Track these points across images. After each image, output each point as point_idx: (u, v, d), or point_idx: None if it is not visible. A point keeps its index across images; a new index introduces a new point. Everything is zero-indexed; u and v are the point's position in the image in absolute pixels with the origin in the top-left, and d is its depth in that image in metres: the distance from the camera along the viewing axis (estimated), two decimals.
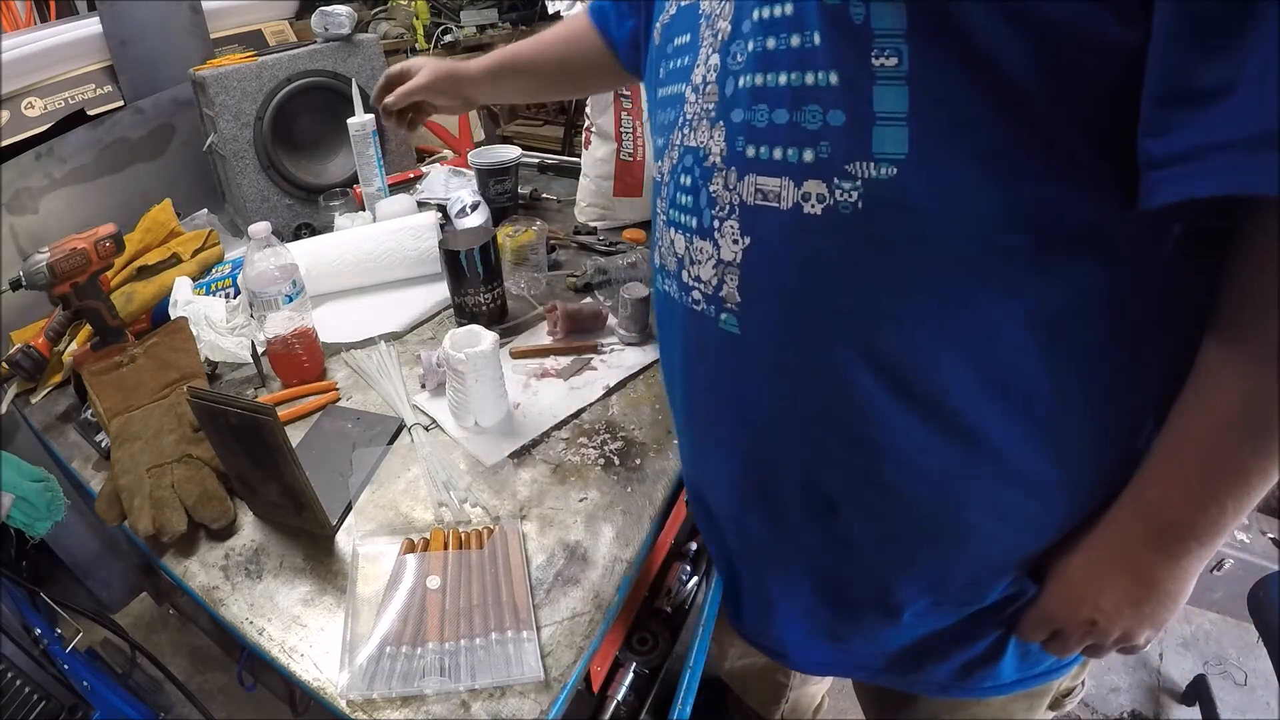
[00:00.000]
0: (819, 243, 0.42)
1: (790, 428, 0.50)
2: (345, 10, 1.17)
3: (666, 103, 0.53)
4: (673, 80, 0.52)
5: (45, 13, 1.34)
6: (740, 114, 0.44)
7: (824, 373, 0.46)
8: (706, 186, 0.48)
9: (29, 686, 0.69)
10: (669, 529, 0.72)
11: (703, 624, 0.74)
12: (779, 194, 0.43)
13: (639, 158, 1.14)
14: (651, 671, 0.72)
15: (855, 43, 0.38)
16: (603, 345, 0.90)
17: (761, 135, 0.43)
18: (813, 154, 0.41)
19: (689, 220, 0.50)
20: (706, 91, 0.47)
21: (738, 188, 0.45)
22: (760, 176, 0.44)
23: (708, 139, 0.47)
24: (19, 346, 0.83)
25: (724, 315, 0.49)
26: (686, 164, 0.50)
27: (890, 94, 0.38)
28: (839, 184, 0.40)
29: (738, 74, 0.44)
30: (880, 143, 0.38)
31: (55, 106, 1.12)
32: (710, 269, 0.49)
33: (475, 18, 2.02)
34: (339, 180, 1.23)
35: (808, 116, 0.41)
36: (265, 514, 0.68)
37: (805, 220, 0.42)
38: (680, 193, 0.51)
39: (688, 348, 0.55)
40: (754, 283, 0.47)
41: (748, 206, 0.45)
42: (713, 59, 0.47)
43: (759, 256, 0.46)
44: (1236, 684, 1.40)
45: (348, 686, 0.52)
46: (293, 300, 0.85)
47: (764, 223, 0.44)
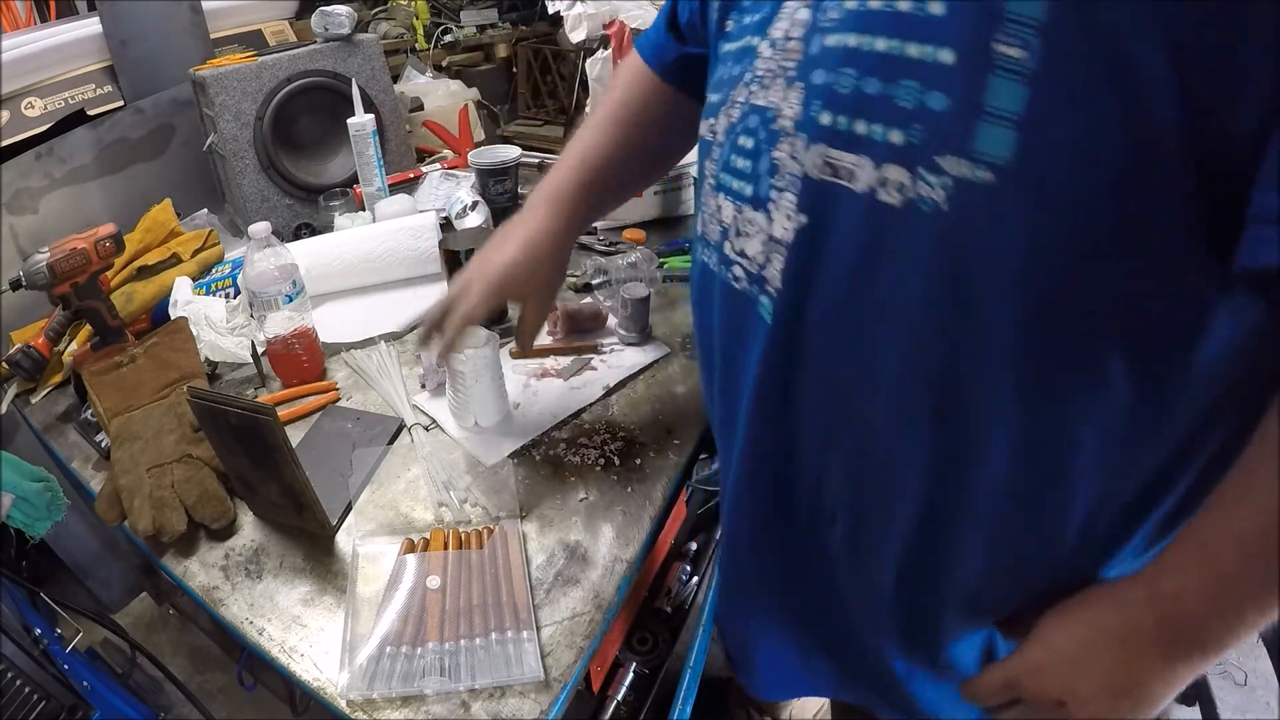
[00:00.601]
0: (889, 238, 0.38)
1: (808, 431, 0.47)
2: (345, 10, 1.17)
3: (732, 57, 0.48)
4: (744, 33, 0.47)
5: (45, 13, 1.34)
6: (823, 76, 0.39)
7: (858, 379, 0.42)
8: (770, 151, 0.42)
9: (29, 686, 0.68)
10: (669, 529, 0.72)
11: (703, 624, 0.74)
12: (852, 173, 0.38)
13: None
14: (651, 671, 0.72)
15: (981, 19, 0.33)
16: (603, 345, 0.90)
17: (844, 103, 0.38)
18: (901, 136, 0.36)
19: (742, 187, 0.45)
20: (788, 47, 0.42)
21: (804, 157, 0.40)
22: (833, 149, 0.39)
23: (780, 99, 0.42)
24: (19, 346, 0.83)
25: (763, 299, 0.45)
26: (750, 124, 0.44)
27: (1007, 89, 0.32)
28: (925, 175, 0.35)
29: (828, 31, 0.39)
30: (984, 140, 0.33)
31: (55, 106, 1.12)
32: (758, 244, 0.44)
33: (475, 18, 2.02)
34: (339, 180, 1.23)
35: (902, 92, 0.35)
36: (265, 514, 0.68)
37: (878, 208, 0.37)
38: (736, 154, 0.46)
39: (725, 327, 0.51)
40: (801, 269, 0.42)
41: (812, 180, 0.40)
42: (801, 13, 0.41)
43: (814, 239, 0.41)
44: (1236, 684, 1.40)
45: (348, 686, 0.52)
46: (293, 300, 0.85)
47: (828, 202, 0.40)
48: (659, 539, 0.69)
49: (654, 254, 1.00)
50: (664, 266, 1.06)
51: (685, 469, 0.74)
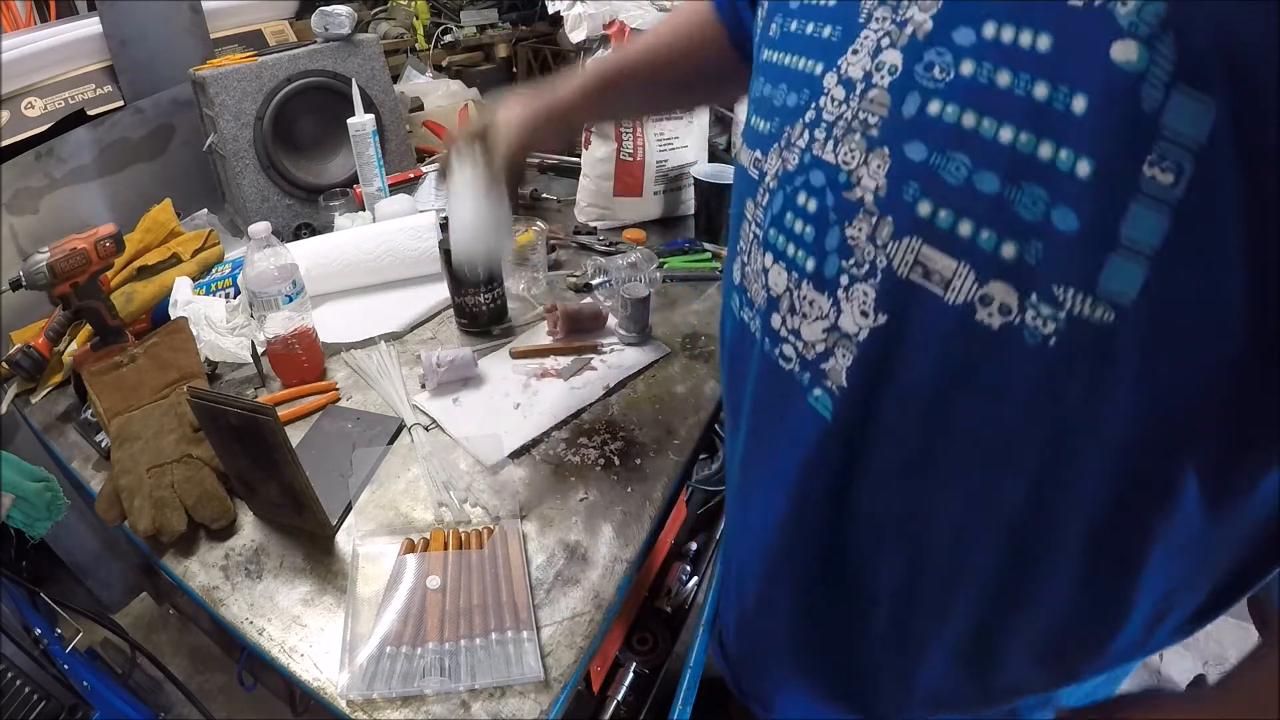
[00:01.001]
0: (980, 364, 0.33)
1: (856, 539, 0.43)
2: (345, 10, 1.17)
3: (785, 78, 0.41)
4: (800, 49, 0.40)
5: (45, 13, 1.34)
6: (922, 152, 0.33)
7: (920, 511, 0.38)
8: (841, 226, 0.36)
9: (29, 686, 0.69)
10: (669, 529, 0.72)
11: (703, 624, 0.74)
12: (948, 281, 0.32)
13: (639, 158, 1.14)
14: (651, 671, 0.72)
15: (1132, 133, 0.27)
16: (603, 345, 0.90)
17: (949, 195, 0.32)
18: (1015, 251, 0.30)
19: (802, 257, 0.39)
20: (868, 96, 0.35)
21: (890, 248, 0.34)
22: (930, 247, 0.33)
23: (857, 163, 0.35)
24: (19, 346, 0.83)
25: (818, 391, 0.40)
26: (814, 182, 0.38)
27: (1147, 220, 0.27)
28: (1036, 303, 0.30)
29: (932, 95, 0.32)
30: (1111, 278, 0.28)
31: (55, 106, 1.12)
32: (819, 331, 0.39)
33: (475, 18, 2.02)
34: (339, 180, 1.23)
35: (1027, 200, 0.29)
36: (265, 514, 0.68)
37: (973, 329, 0.32)
38: (794, 214, 0.39)
39: (759, 400, 0.46)
40: (874, 375, 0.37)
41: (898, 279, 0.34)
42: (889, 55, 0.34)
43: (894, 347, 0.35)
44: None
45: (348, 686, 0.52)
46: (293, 300, 0.85)
47: (915, 308, 0.34)
48: (659, 539, 0.69)
49: (654, 254, 1.00)
50: (664, 266, 1.06)
51: (685, 469, 0.74)
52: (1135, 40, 0.26)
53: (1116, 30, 0.27)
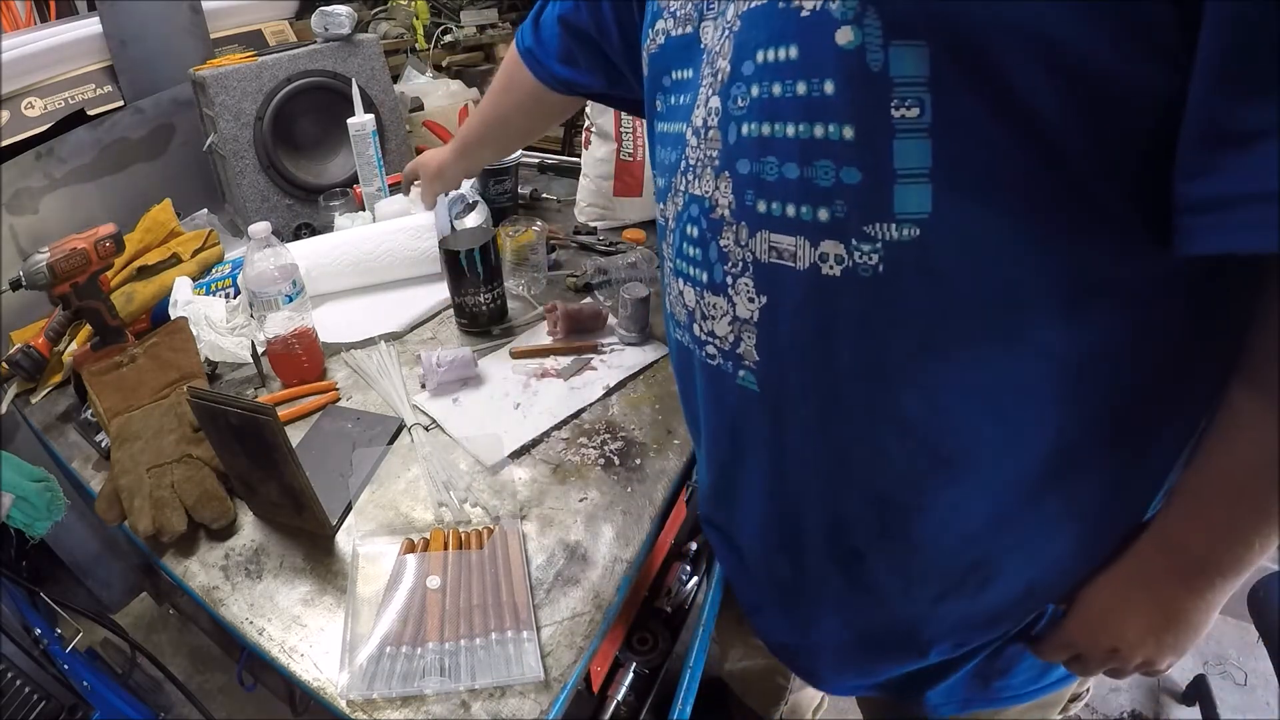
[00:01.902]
0: (838, 306, 0.40)
1: (815, 483, 0.49)
2: (345, 10, 1.17)
3: (667, 140, 0.50)
4: (673, 117, 0.49)
5: (45, 13, 1.34)
6: (746, 165, 0.41)
7: (847, 434, 0.45)
8: (716, 240, 0.45)
9: (29, 686, 0.69)
10: (669, 529, 0.72)
11: (703, 624, 0.74)
12: (794, 253, 0.40)
13: (639, 158, 1.14)
14: (651, 671, 0.72)
15: (872, 92, 0.34)
16: (603, 345, 0.90)
17: (772, 190, 0.40)
18: (828, 213, 0.38)
19: (699, 274, 0.47)
20: (709, 137, 0.44)
21: (750, 244, 0.42)
22: (774, 234, 0.41)
23: (713, 189, 0.44)
24: (19, 346, 0.83)
25: (742, 373, 0.47)
26: (693, 213, 0.47)
27: (912, 148, 0.35)
28: (857, 245, 0.38)
29: (741, 120, 0.41)
30: (902, 202, 0.36)
31: (55, 106, 1.12)
32: (725, 325, 0.47)
33: (475, 18, 2.02)
34: (339, 180, 1.23)
35: (819, 173, 0.37)
36: (265, 514, 0.68)
37: (824, 282, 0.40)
38: (687, 243, 0.48)
39: (706, 399, 0.53)
40: (772, 343, 0.44)
41: (763, 265, 0.42)
42: (713, 101, 0.43)
43: (777, 317, 0.43)
44: (1236, 684, 1.40)
45: (348, 686, 0.52)
46: (293, 300, 0.85)
47: (781, 282, 0.42)
48: (659, 539, 0.69)
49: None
50: None
51: (685, 469, 0.74)
52: (849, 25, 0.34)
53: (835, 23, 0.35)
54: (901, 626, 0.53)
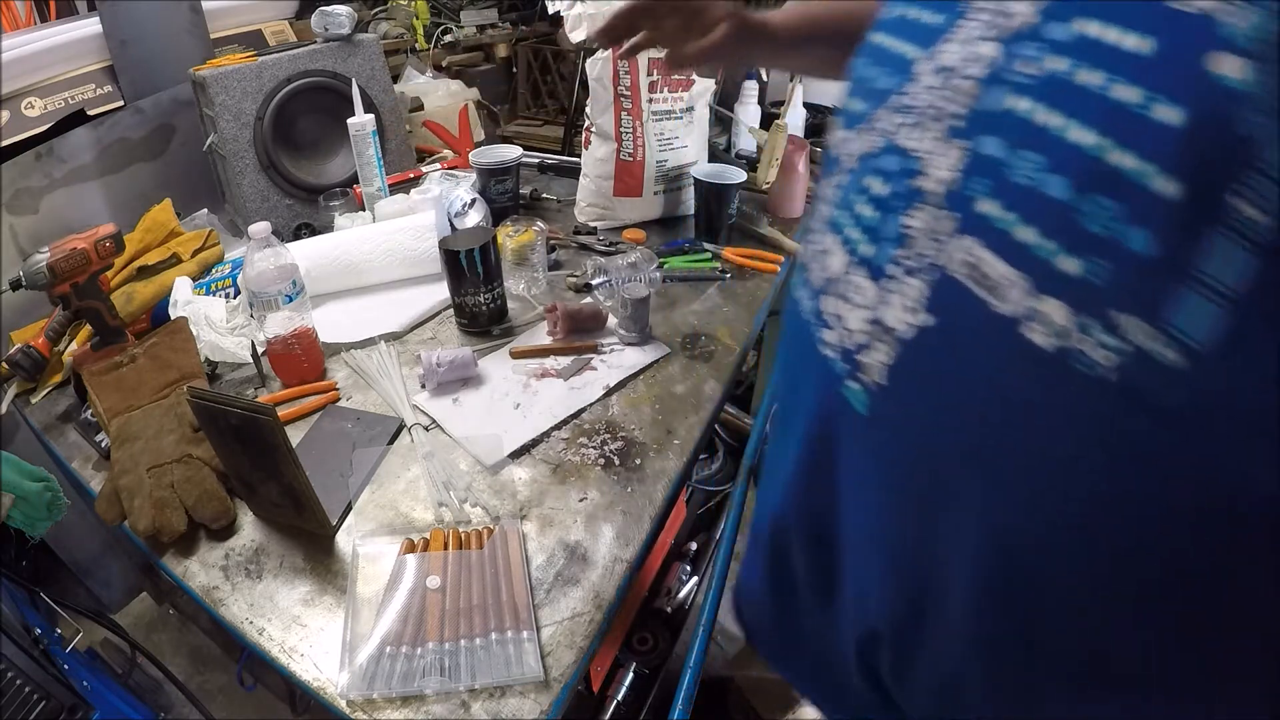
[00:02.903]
0: (1025, 386, 0.29)
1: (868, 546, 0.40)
2: (345, 10, 1.17)
3: (886, 59, 0.39)
4: (900, 31, 0.38)
5: (45, 13, 1.34)
6: (997, 147, 0.30)
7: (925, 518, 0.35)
8: (902, 214, 0.34)
9: (29, 686, 0.69)
10: (669, 529, 0.72)
11: (703, 624, 0.74)
12: (999, 289, 0.29)
13: (639, 158, 1.14)
14: (651, 671, 0.72)
15: (1221, 155, 0.24)
16: (603, 345, 0.90)
17: (1014, 196, 0.29)
18: (1079, 267, 0.27)
19: (859, 241, 0.37)
20: (957, 85, 0.32)
21: (946, 244, 0.32)
22: (986, 250, 0.30)
23: (932, 151, 0.33)
24: (19, 346, 0.83)
25: (852, 384, 0.37)
26: (887, 166, 0.36)
27: (1230, 255, 0.24)
28: (1093, 331, 0.27)
29: (1019, 90, 0.30)
30: (1183, 314, 0.25)
31: (55, 106, 1.12)
32: (860, 320, 0.37)
33: (475, 18, 2.02)
34: (339, 180, 1.23)
35: (1095, 211, 0.27)
36: (265, 514, 0.68)
37: (1017, 344, 0.29)
38: (862, 198, 0.37)
39: (793, 371, 0.46)
40: (916, 378, 0.34)
41: (948, 278, 0.32)
42: (984, 46, 0.32)
43: (938, 353, 0.33)
44: None
45: (348, 686, 0.52)
46: (293, 300, 0.85)
47: (962, 314, 0.31)
48: (659, 539, 0.69)
49: (654, 254, 1.00)
50: (664, 266, 1.06)
51: (685, 469, 0.74)
52: (1242, 56, 0.23)
53: (1222, 42, 0.24)
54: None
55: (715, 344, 0.91)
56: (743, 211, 1.18)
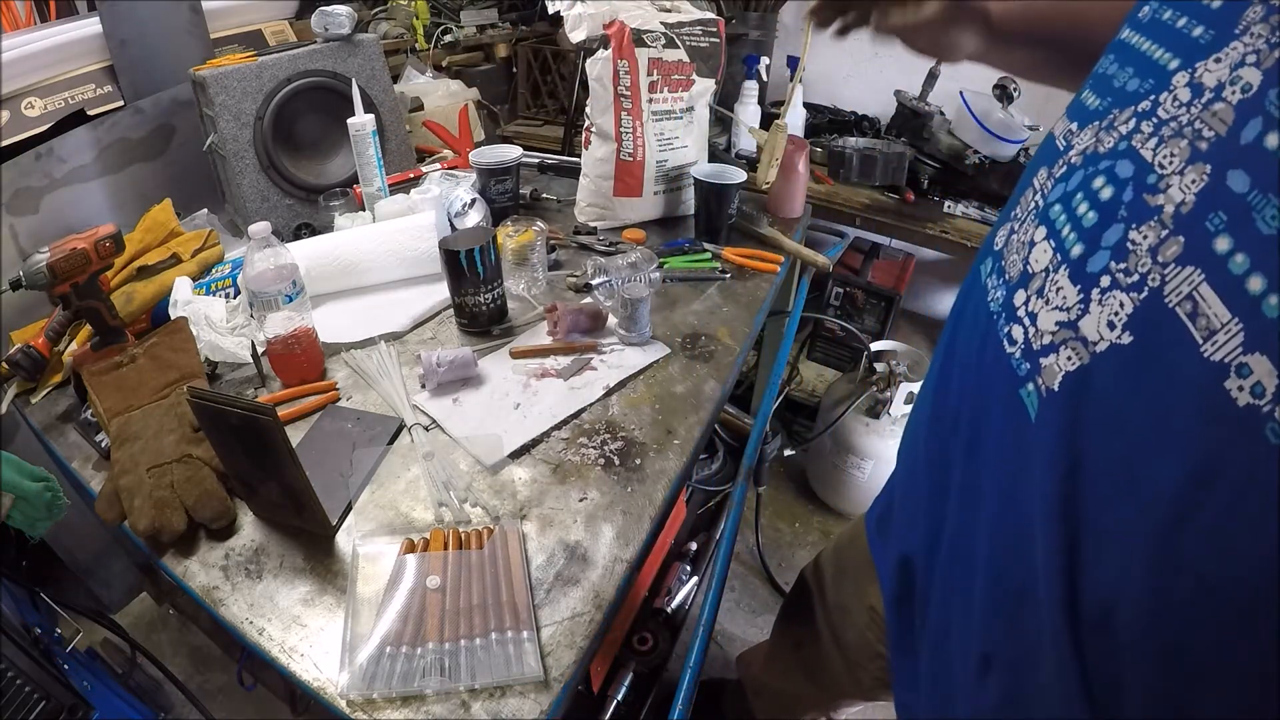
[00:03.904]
0: (1203, 438, 0.28)
1: (996, 556, 0.39)
2: (345, 10, 1.17)
3: (1135, 60, 0.37)
4: (1163, 40, 0.36)
5: (45, 13, 1.34)
6: (1244, 184, 0.28)
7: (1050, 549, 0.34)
8: (1130, 226, 0.32)
9: (29, 686, 0.69)
10: (669, 529, 0.72)
11: (703, 624, 0.74)
12: (1213, 331, 0.28)
13: (639, 158, 1.14)
14: (651, 671, 0.72)
15: None
16: (603, 345, 0.90)
17: (1255, 242, 0.27)
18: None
19: (1072, 241, 0.36)
20: (1213, 108, 0.31)
21: (1167, 270, 0.30)
22: (1209, 287, 0.28)
23: (1173, 169, 0.31)
24: (19, 346, 0.83)
25: (1030, 387, 0.36)
26: (1119, 172, 0.34)
27: None
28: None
29: (1276, 127, 0.28)
30: None
31: (55, 106, 1.12)
32: (1053, 321, 0.35)
33: (475, 18, 2.02)
34: (339, 180, 1.23)
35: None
36: (265, 514, 0.68)
37: (1215, 394, 0.27)
38: (1085, 198, 0.36)
39: (966, 366, 0.44)
40: (1095, 395, 0.32)
41: (1159, 302, 0.30)
42: (1248, 72, 0.30)
43: (1126, 373, 0.31)
44: None
45: (348, 686, 0.52)
46: (293, 300, 0.86)
47: (1165, 343, 0.30)
48: (659, 539, 0.69)
49: (654, 254, 1.00)
50: (664, 266, 1.06)
51: (685, 469, 0.74)
52: None
53: None
54: None
55: (715, 344, 0.91)
56: (743, 211, 1.18)
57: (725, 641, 1.45)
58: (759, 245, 1.14)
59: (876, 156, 1.58)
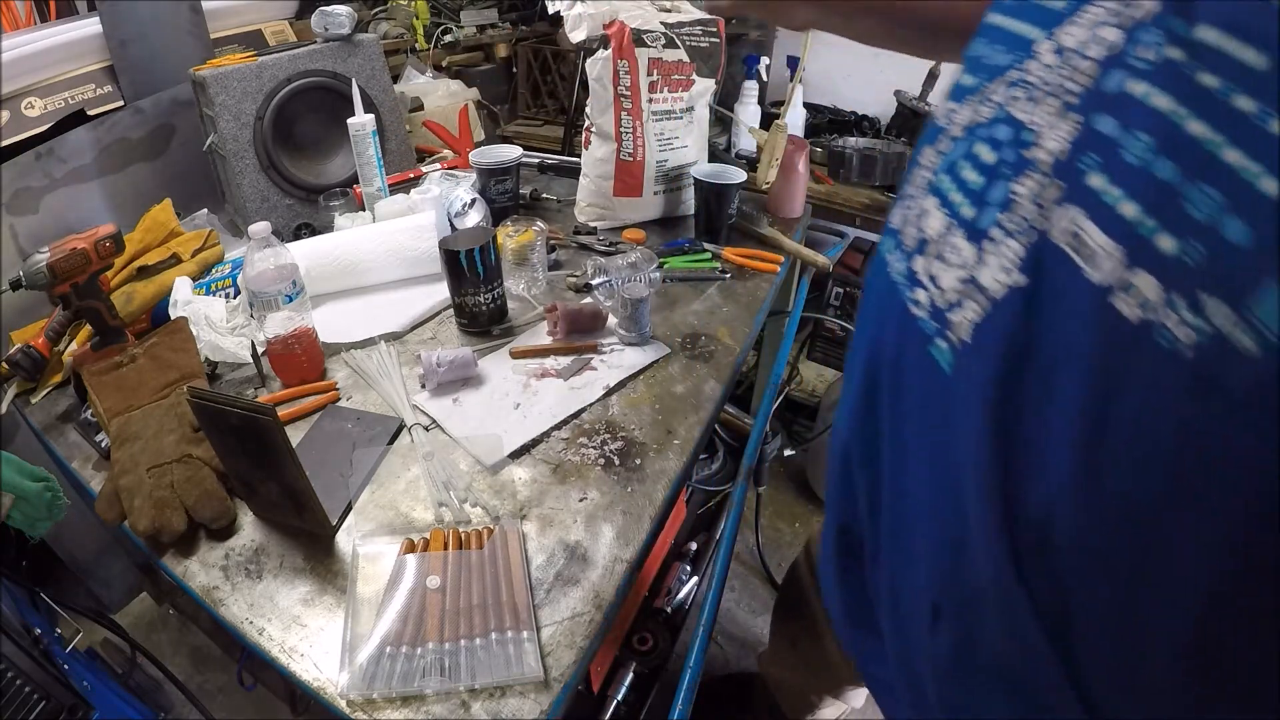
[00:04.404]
0: (1105, 355, 0.31)
1: (936, 501, 0.41)
2: (345, 10, 1.17)
3: (1001, 38, 0.41)
4: (1022, 15, 0.40)
5: (45, 13, 1.34)
6: (1111, 126, 0.32)
7: (984, 484, 0.36)
8: (1011, 180, 0.36)
9: (29, 686, 0.69)
10: (669, 529, 0.72)
11: (703, 624, 0.74)
12: (1095, 257, 0.31)
13: (639, 158, 1.14)
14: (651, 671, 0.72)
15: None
16: (603, 345, 0.90)
17: (1123, 173, 0.31)
18: (1175, 246, 0.28)
19: (962, 204, 0.39)
20: (1075, 65, 0.34)
21: (1049, 212, 0.33)
22: (1090, 221, 0.31)
23: (1045, 124, 0.35)
24: (19, 346, 0.83)
25: (941, 343, 0.39)
26: (998, 135, 0.38)
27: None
28: (1179, 308, 0.28)
29: (1137, 75, 0.31)
30: (1265, 305, 0.26)
31: (55, 106, 1.12)
32: (954, 280, 0.38)
33: (475, 18, 2.02)
34: (339, 180, 1.23)
35: (1199, 199, 0.28)
36: (265, 514, 0.68)
37: (1107, 312, 0.30)
38: (969, 164, 0.39)
39: (881, 337, 0.46)
40: (999, 336, 0.35)
41: (1049, 243, 0.33)
42: (1107, 31, 0.33)
43: (1026, 311, 0.34)
44: None
45: (348, 686, 0.52)
46: (293, 300, 0.86)
47: (1056, 276, 0.33)
48: (659, 539, 0.69)
49: (654, 254, 1.00)
50: (664, 266, 1.06)
51: (685, 469, 0.74)
52: None
53: None
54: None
55: (715, 344, 0.91)
56: (743, 211, 1.18)
57: (725, 641, 1.45)
58: (759, 245, 1.14)
59: (876, 156, 1.58)
